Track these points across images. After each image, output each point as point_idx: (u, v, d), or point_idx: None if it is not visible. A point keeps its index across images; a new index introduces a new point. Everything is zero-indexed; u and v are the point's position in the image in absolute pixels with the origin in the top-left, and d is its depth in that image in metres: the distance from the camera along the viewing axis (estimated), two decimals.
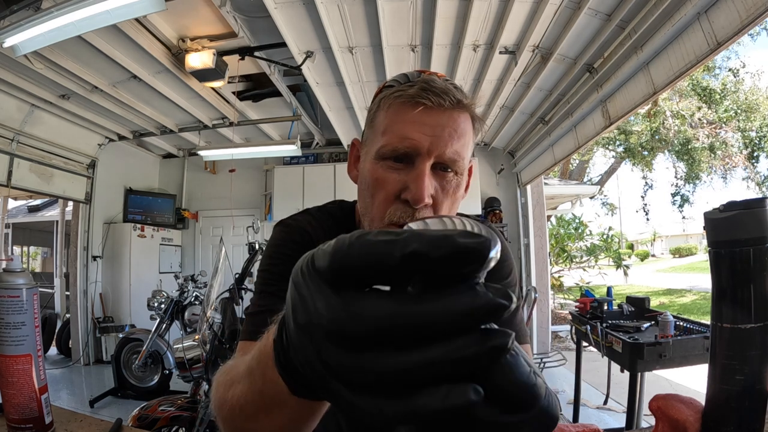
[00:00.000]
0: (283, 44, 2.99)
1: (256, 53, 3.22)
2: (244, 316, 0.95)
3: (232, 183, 5.59)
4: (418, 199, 0.56)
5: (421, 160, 0.57)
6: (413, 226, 0.26)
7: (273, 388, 0.31)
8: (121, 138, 5.04)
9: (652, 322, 2.54)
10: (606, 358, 2.59)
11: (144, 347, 3.71)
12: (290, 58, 3.20)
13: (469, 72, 3.50)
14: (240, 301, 2.89)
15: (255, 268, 3.12)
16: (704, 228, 0.44)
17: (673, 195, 10.84)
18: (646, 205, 11.97)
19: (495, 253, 0.20)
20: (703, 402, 0.44)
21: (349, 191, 4.95)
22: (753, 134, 9.27)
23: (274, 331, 0.30)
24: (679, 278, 15.78)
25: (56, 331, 5.59)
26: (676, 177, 10.60)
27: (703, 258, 21.27)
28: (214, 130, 4.81)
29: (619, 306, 2.82)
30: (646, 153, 10.58)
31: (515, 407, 0.20)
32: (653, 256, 30.51)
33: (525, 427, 0.20)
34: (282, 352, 0.28)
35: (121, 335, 4.45)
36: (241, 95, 4.13)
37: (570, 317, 3.49)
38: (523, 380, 0.20)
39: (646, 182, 11.56)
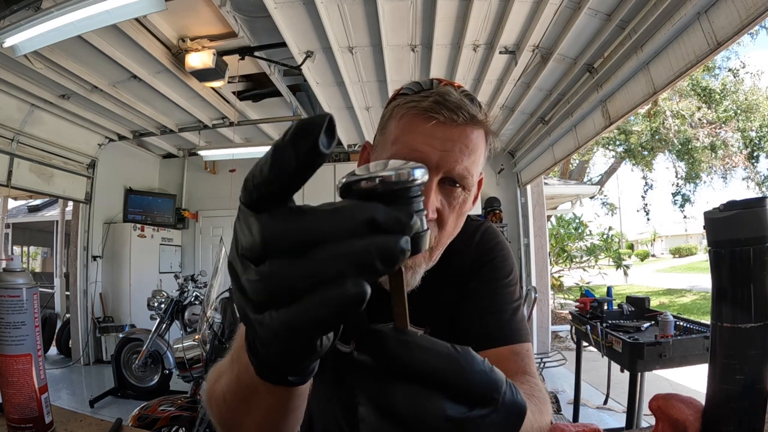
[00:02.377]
0: (283, 44, 2.99)
1: (256, 53, 3.22)
2: None
3: (232, 183, 5.59)
4: None
5: (429, 174, 0.57)
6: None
7: (247, 374, 0.31)
8: (121, 138, 5.03)
9: (652, 322, 2.54)
10: (606, 358, 2.59)
11: (144, 347, 3.71)
12: (290, 58, 3.19)
13: (469, 72, 3.50)
14: None
15: None
16: (704, 227, 0.44)
17: (674, 195, 10.85)
18: (646, 205, 11.98)
19: (421, 175, 0.22)
20: (703, 402, 0.44)
21: None
22: (753, 134, 9.28)
23: None
24: (679, 278, 15.78)
25: (56, 331, 5.59)
26: (676, 177, 10.62)
27: (703, 258, 21.26)
28: (214, 130, 4.81)
29: (619, 306, 2.82)
30: (646, 153, 10.58)
31: (480, 400, 0.20)
32: (653, 256, 30.49)
33: (494, 417, 0.20)
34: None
35: (121, 335, 4.45)
36: (241, 95, 4.13)
37: (570, 317, 3.49)
38: (480, 369, 0.21)
39: (646, 182, 11.58)
